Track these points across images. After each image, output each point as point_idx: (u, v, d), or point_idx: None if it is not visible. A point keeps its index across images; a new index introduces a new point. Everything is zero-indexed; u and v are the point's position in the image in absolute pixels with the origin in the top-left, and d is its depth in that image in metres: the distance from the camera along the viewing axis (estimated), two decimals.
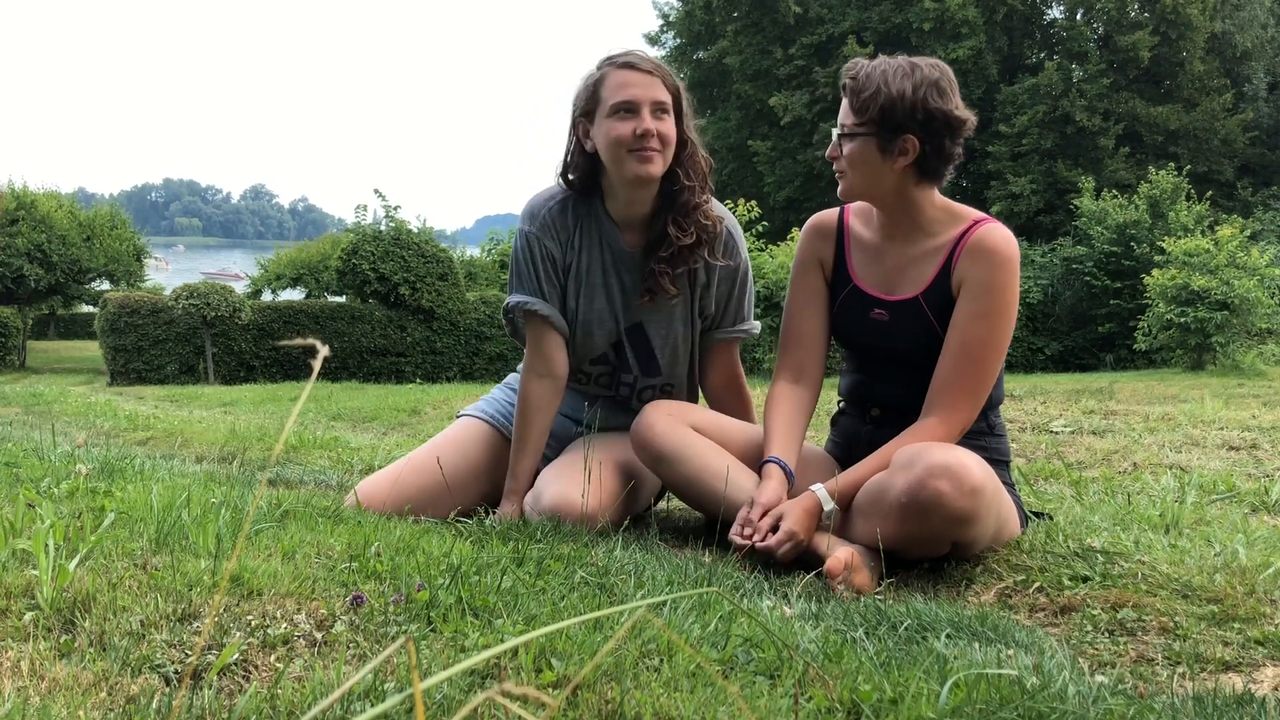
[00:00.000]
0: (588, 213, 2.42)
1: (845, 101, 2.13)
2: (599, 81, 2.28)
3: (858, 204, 2.31)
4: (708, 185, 2.38)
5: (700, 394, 2.69)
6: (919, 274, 2.17)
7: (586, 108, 2.31)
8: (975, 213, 2.18)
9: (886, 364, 2.24)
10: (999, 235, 2.11)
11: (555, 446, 2.59)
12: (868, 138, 2.10)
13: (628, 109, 2.24)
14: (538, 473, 2.50)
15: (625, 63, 2.28)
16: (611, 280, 2.44)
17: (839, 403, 2.44)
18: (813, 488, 2.10)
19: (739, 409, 2.57)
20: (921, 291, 2.16)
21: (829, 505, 2.08)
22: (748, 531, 2.06)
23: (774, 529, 2.05)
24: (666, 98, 2.27)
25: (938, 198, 2.19)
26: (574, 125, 2.36)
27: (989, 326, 2.08)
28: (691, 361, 2.58)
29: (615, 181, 2.33)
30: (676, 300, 2.43)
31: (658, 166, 2.26)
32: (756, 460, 2.27)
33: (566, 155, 2.40)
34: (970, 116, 2.09)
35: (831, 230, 2.32)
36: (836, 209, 2.35)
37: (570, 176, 2.40)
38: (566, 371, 2.47)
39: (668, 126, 2.26)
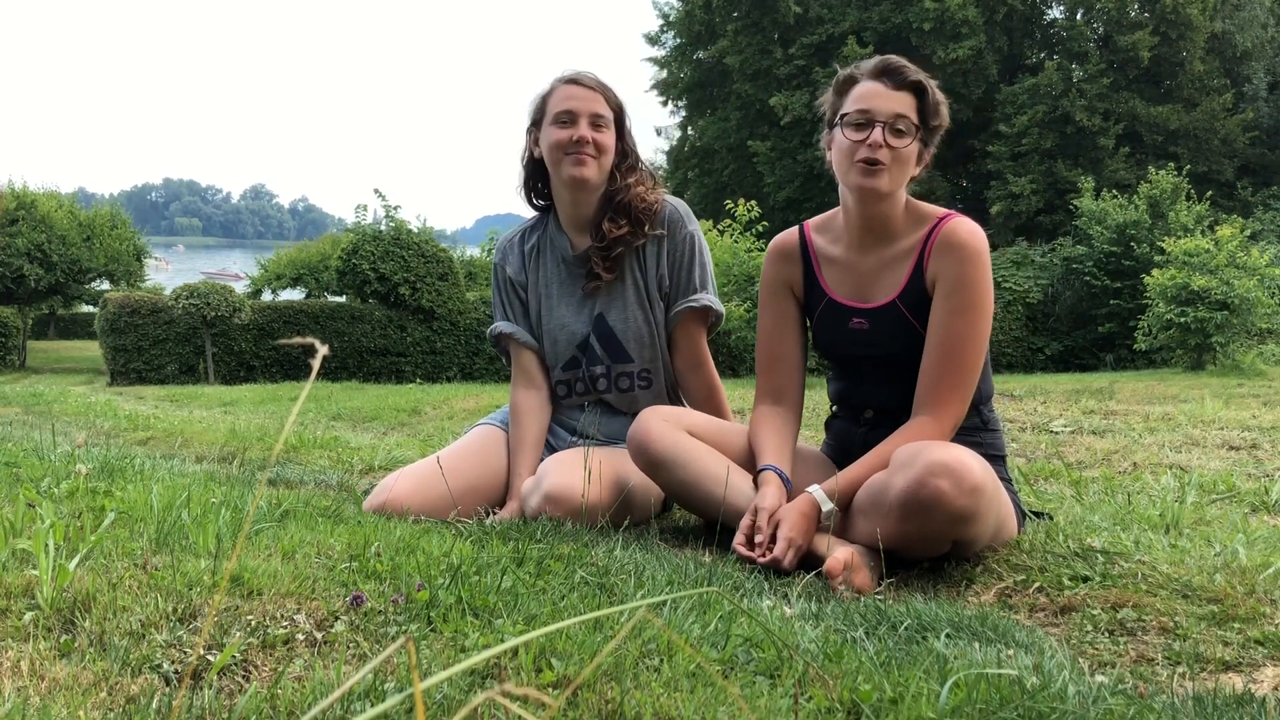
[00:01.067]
0: (543, 234, 2.69)
1: (906, 97, 2.10)
2: (547, 95, 2.55)
3: (816, 219, 2.34)
4: (657, 185, 2.60)
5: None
6: (892, 278, 2.17)
7: (536, 118, 2.57)
8: (939, 210, 2.19)
9: (873, 369, 2.24)
10: (965, 229, 2.11)
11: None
12: (920, 143, 2.12)
13: (568, 118, 2.49)
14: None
15: (570, 79, 2.54)
16: (567, 287, 2.65)
17: (831, 406, 2.44)
18: (809, 489, 2.10)
19: (705, 395, 2.63)
20: (897, 295, 2.16)
21: (827, 506, 2.07)
22: (758, 539, 2.05)
23: (773, 540, 2.05)
24: (607, 112, 2.52)
25: (902, 199, 2.20)
26: (527, 133, 2.61)
27: (967, 321, 2.08)
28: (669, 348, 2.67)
29: (556, 184, 2.58)
30: (628, 285, 2.58)
31: (591, 170, 2.50)
32: (754, 463, 2.27)
33: (522, 163, 2.66)
34: None
35: (795, 251, 2.32)
36: (795, 229, 2.36)
37: (529, 182, 2.66)
38: (545, 380, 2.69)
39: (605, 137, 2.51)
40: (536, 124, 2.57)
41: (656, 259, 2.58)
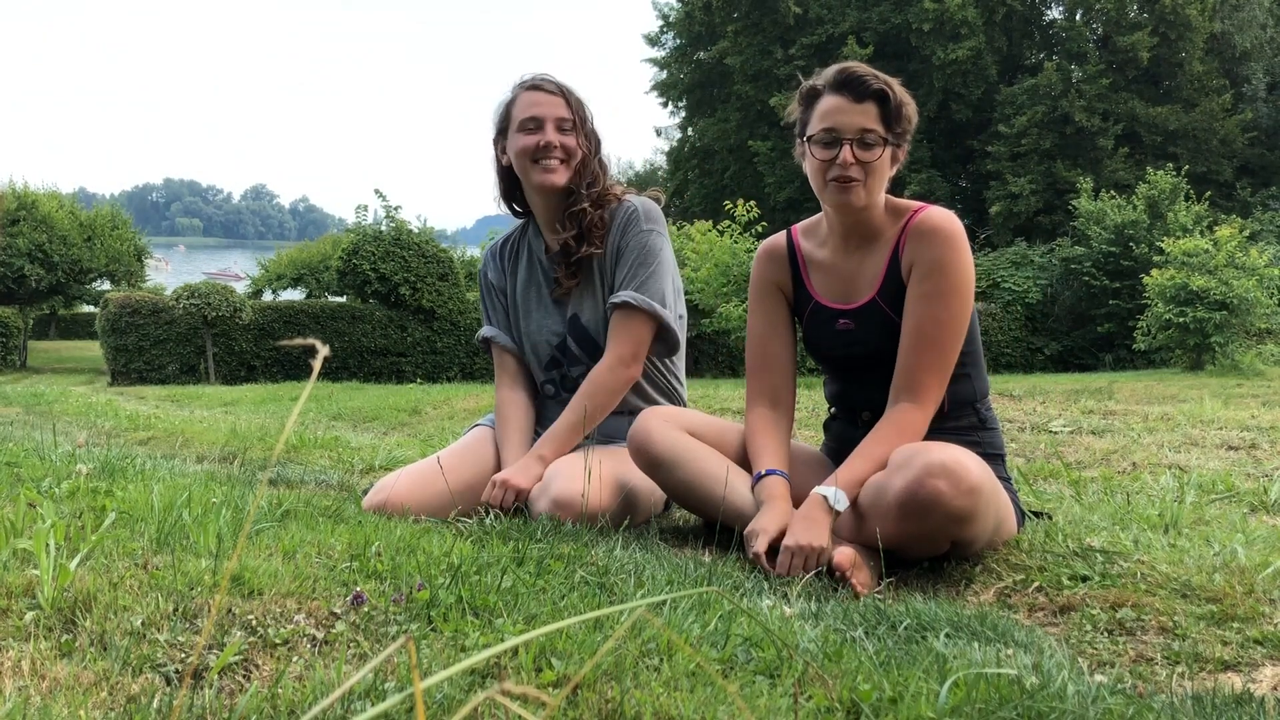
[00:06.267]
0: (522, 238, 2.74)
1: (870, 108, 2.08)
2: (511, 102, 2.57)
3: (804, 224, 2.35)
4: (611, 191, 2.57)
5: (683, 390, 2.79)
6: (872, 275, 2.19)
7: (501, 126, 2.60)
8: (915, 203, 2.21)
9: (864, 370, 2.25)
10: (938, 215, 2.13)
11: None
12: (892, 147, 2.13)
13: (534, 124, 2.51)
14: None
15: (533, 84, 2.56)
16: (543, 292, 2.68)
17: (830, 408, 2.44)
18: (817, 490, 2.06)
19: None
20: (877, 292, 2.18)
21: (842, 505, 2.02)
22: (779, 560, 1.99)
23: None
24: (570, 115, 2.53)
25: (882, 200, 2.21)
26: (494, 143, 2.64)
27: (943, 304, 2.07)
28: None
29: (528, 190, 2.61)
30: (596, 284, 2.60)
31: (560, 175, 2.52)
32: (752, 465, 2.27)
33: (496, 173, 2.68)
34: None
35: (783, 254, 2.34)
36: (783, 233, 2.37)
37: (505, 191, 2.68)
38: (528, 380, 2.74)
39: (571, 141, 2.53)
40: (503, 132, 2.60)
41: (617, 256, 2.59)
